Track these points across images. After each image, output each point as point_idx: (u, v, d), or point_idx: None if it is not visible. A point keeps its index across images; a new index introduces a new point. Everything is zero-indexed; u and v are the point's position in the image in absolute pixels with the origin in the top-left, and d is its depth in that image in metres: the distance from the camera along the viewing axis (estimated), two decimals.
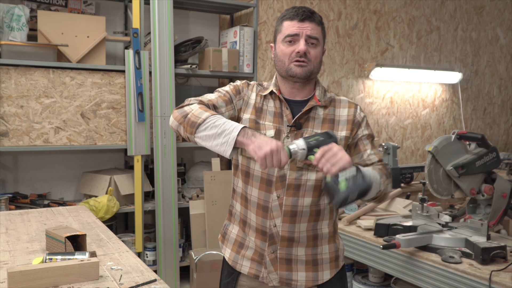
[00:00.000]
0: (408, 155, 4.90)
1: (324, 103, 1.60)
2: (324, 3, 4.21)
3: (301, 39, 1.52)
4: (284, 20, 1.57)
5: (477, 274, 1.87)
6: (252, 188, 1.60)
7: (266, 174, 1.56)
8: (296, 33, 1.53)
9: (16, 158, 3.33)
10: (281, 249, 1.58)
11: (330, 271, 1.64)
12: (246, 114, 1.60)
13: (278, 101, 1.60)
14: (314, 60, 1.55)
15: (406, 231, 2.24)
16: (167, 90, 3.29)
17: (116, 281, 1.52)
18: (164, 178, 3.31)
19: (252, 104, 1.61)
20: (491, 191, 2.24)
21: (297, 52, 1.52)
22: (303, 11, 1.55)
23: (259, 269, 1.62)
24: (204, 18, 3.91)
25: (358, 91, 4.49)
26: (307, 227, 1.58)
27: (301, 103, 1.60)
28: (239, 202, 1.66)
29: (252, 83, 1.68)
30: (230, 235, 1.70)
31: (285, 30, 1.55)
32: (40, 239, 1.97)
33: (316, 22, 1.55)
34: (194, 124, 1.43)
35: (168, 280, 3.31)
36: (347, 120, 1.60)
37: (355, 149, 1.62)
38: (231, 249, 1.69)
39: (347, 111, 1.62)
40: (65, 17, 3.07)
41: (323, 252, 1.63)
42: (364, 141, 1.62)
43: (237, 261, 1.66)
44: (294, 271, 1.60)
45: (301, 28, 1.53)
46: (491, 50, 5.41)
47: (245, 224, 1.64)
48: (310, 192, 1.56)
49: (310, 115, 1.58)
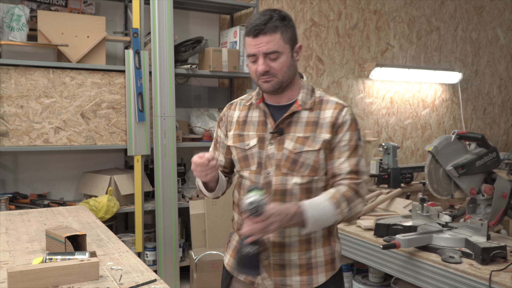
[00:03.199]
0: (408, 155, 4.90)
1: (309, 106, 1.57)
2: (324, 3, 4.21)
3: (259, 58, 1.49)
4: (245, 35, 1.53)
5: (477, 274, 1.86)
6: (243, 197, 1.60)
7: (254, 182, 1.58)
8: (254, 53, 1.50)
9: (16, 158, 3.33)
10: (273, 255, 1.58)
11: (325, 273, 1.61)
12: (230, 132, 1.68)
13: (261, 109, 1.62)
14: (280, 72, 1.50)
15: (406, 231, 2.24)
16: (167, 90, 3.29)
17: (116, 281, 1.52)
18: (164, 178, 3.31)
19: (235, 121, 1.67)
20: (491, 191, 2.24)
21: (259, 72, 1.51)
22: (255, 25, 1.47)
23: (254, 276, 1.62)
24: (204, 18, 3.91)
25: (358, 91, 4.49)
26: (298, 231, 1.54)
27: (285, 107, 1.59)
28: (236, 212, 1.69)
29: (235, 101, 1.73)
30: (232, 242, 1.72)
31: (246, 48, 1.54)
32: (40, 239, 1.97)
33: (270, 32, 1.47)
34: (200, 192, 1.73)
35: (168, 280, 3.30)
36: (329, 122, 1.54)
37: (330, 155, 1.55)
38: (230, 255, 1.71)
39: (331, 112, 1.55)
40: (65, 17, 3.07)
41: (317, 256, 1.60)
42: (342, 148, 1.54)
43: (234, 266, 1.67)
44: (288, 276, 1.59)
45: (256, 46, 1.48)
46: (491, 50, 5.41)
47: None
48: (297, 196, 1.54)
49: (293, 119, 1.57)
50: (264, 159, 1.56)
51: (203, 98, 3.96)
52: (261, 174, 1.57)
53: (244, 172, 1.61)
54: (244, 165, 1.61)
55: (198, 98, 3.94)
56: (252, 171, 1.59)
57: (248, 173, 1.60)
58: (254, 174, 1.58)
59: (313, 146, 1.54)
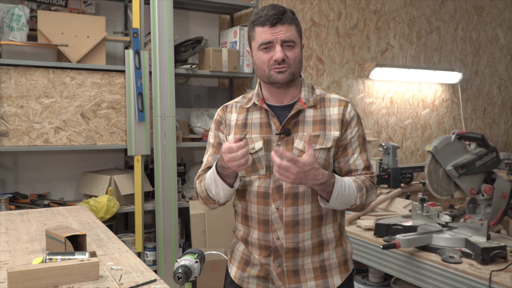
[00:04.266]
0: (408, 155, 4.90)
1: (312, 103, 1.56)
2: (324, 3, 4.21)
3: (276, 46, 1.47)
4: (255, 26, 1.50)
5: (477, 274, 1.86)
6: (250, 204, 1.57)
7: (263, 187, 1.53)
8: (270, 40, 1.47)
9: (16, 158, 3.33)
10: (286, 261, 1.54)
11: (340, 275, 1.59)
12: (229, 136, 1.60)
13: (263, 110, 1.57)
14: (294, 62, 1.50)
15: (406, 231, 2.24)
16: (167, 90, 3.29)
17: (116, 281, 1.52)
18: (164, 178, 3.31)
19: (234, 124, 1.61)
20: (491, 191, 2.24)
21: (275, 60, 1.47)
22: (273, 14, 1.47)
23: (266, 285, 1.59)
24: (204, 18, 3.91)
25: (358, 91, 4.49)
26: (311, 234, 1.54)
27: (288, 107, 1.56)
28: (241, 222, 1.64)
29: (230, 103, 1.67)
30: (236, 253, 1.68)
31: (258, 38, 1.49)
32: (40, 239, 1.97)
33: (288, 22, 1.48)
34: (207, 198, 1.60)
35: (168, 280, 3.30)
36: (337, 119, 1.55)
37: (343, 152, 1.56)
38: (236, 267, 1.66)
39: (336, 109, 1.56)
40: (65, 17, 3.07)
41: (330, 258, 1.58)
42: (353, 144, 1.56)
43: (243, 279, 1.64)
44: (303, 282, 1.55)
45: (274, 34, 1.46)
46: (491, 50, 5.41)
47: (248, 242, 1.62)
48: (309, 198, 1.52)
49: (299, 118, 1.54)
50: (272, 162, 1.48)
51: (203, 98, 3.96)
52: (270, 178, 1.53)
53: (252, 177, 1.56)
54: (251, 170, 1.55)
55: (198, 98, 3.94)
56: (262, 176, 1.54)
57: (257, 178, 1.55)
58: (263, 178, 1.54)
59: (325, 144, 1.52)
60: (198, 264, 1.46)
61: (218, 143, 1.65)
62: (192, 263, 1.45)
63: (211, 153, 1.66)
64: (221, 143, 1.64)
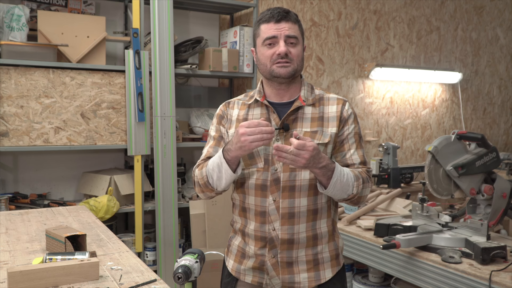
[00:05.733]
0: (408, 155, 4.90)
1: (311, 102, 1.62)
2: (324, 3, 4.21)
3: (280, 41, 1.54)
4: (261, 24, 1.59)
5: (477, 274, 1.87)
6: (248, 196, 1.62)
7: (261, 180, 1.58)
8: (274, 35, 1.54)
9: (16, 158, 3.33)
10: (281, 253, 1.59)
11: (331, 269, 1.64)
12: (230, 130, 1.66)
13: (264, 107, 1.63)
14: (296, 59, 1.58)
15: (406, 231, 2.24)
16: (167, 90, 3.29)
17: (116, 281, 1.52)
18: (164, 178, 3.31)
19: (235, 119, 1.66)
20: (491, 191, 2.24)
21: (278, 54, 1.54)
22: (278, 12, 1.56)
23: (262, 276, 1.64)
24: (204, 18, 3.91)
25: (358, 91, 4.49)
26: (306, 227, 1.59)
27: (288, 104, 1.62)
28: (238, 214, 1.68)
29: (232, 100, 1.73)
30: (233, 246, 1.73)
31: (263, 34, 1.57)
32: (40, 239, 1.97)
33: (292, 21, 1.57)
34: (206, 185, 1.60)
35: (168, 280, 3.30)
36: (335, 116, 1.61)
37: (340, 147, 1.62)
38: (233, 260, 1.71)
39: (335, 107, 1.63)
40: (65, 17, 3.07)
41: (323, 251, 1.63)
42: (350, 140, 1.62)
43: (240, 271, 1.68)
44: (296, 273, 1.60)
45: (278, 29, 1.54)
46: (491, 50, 5.41)
47: (245, 233, 1.66)
48: (305, 192, 1.57)
49: (298, 115, 1.60)
50: (271, 156, 1.57)
51: (203, 98, 3.96)
52: (268, 171, 1.58)
53: (250, 170, 1.61)
54: (250, 163, 1.61)
55: (198, 98, 3.94)
56: (260, 169, 1.59)
57: (255, 170, 1.60)
58: (261, 171, 1.59)
59: (322, 139, 1.58)
60: (198, 264, 1.46)
61: (220, 136, 1.70)
62: (192, 263, 1.45)
63: (211, 145, 1.70)
64: (222, 136, 1.69)
